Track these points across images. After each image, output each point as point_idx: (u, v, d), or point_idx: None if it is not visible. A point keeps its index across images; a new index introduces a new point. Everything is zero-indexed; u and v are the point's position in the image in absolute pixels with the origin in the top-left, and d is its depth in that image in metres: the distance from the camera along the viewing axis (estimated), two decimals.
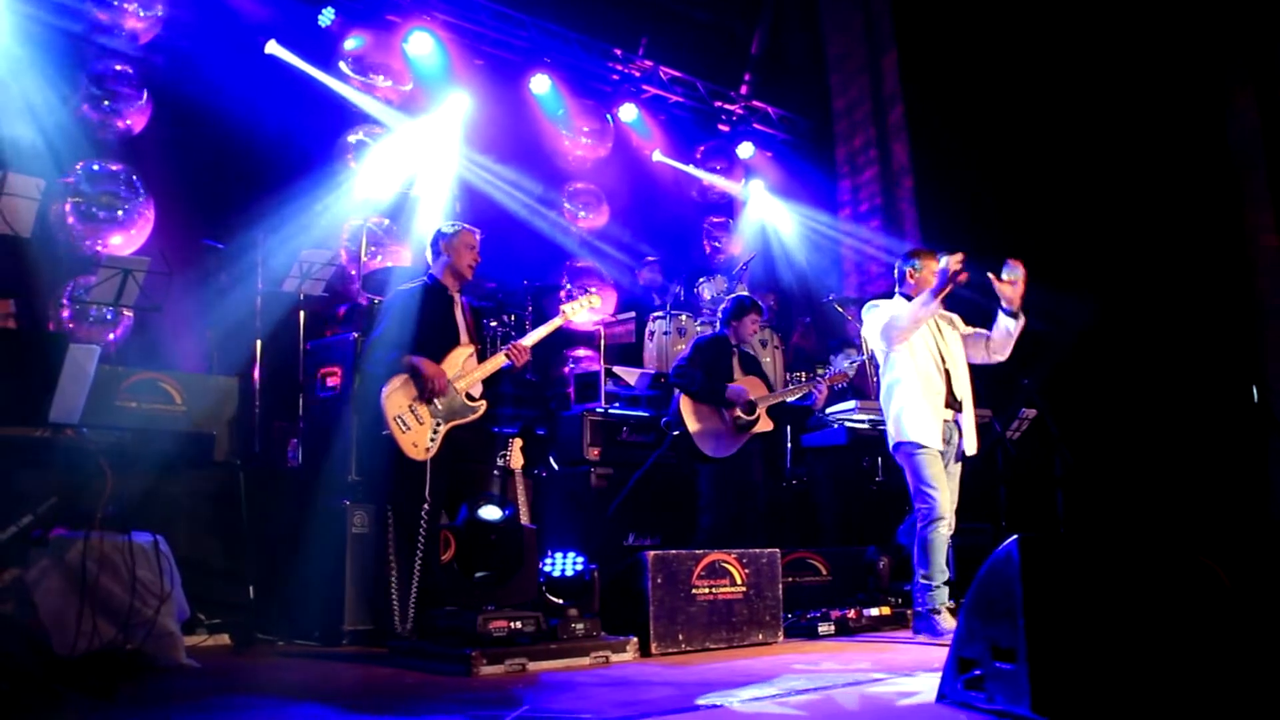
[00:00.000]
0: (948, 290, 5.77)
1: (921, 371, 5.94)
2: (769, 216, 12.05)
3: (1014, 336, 5.99)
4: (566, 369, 9.59)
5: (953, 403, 5.98)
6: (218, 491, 5.98)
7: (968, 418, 6.04)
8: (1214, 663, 3.15)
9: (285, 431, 7.55)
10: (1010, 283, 5.84)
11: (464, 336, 5.87)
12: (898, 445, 6.01)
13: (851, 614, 6.46)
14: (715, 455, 6.97)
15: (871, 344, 6.28)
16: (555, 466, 7.72)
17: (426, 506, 5.58)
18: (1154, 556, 3.35)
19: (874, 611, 6.61)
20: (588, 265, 10.75)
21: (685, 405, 7.00)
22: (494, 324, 7.89)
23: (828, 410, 8.17)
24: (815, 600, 6.77)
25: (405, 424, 5.53)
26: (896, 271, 6.25)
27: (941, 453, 5.93)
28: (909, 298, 6.08)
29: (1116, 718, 3.07)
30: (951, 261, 5.71)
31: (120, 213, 7.76)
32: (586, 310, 6.38)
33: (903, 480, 9.00)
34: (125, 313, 7.43)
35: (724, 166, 12.25)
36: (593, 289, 9.11)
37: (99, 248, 7.66)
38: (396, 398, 5.54)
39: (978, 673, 3.41)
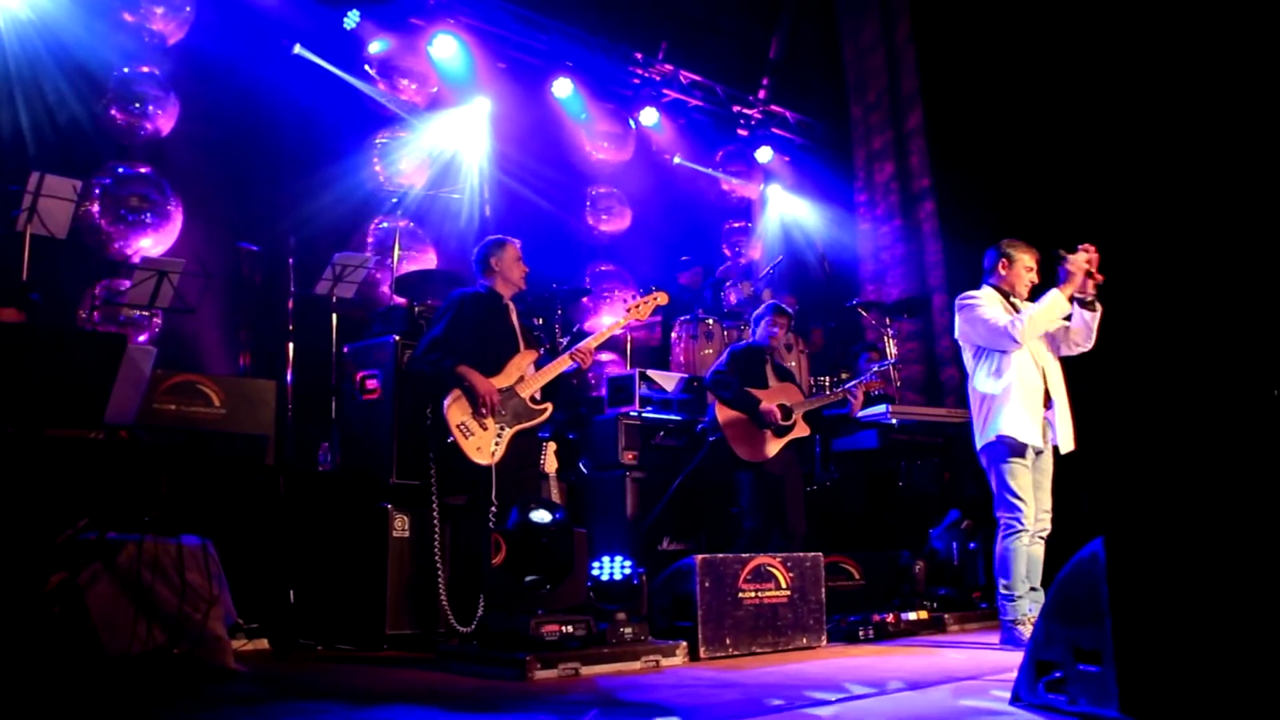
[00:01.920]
0: (1076, 289, 5.50)
1: (1019, 367, 5.64)
2: (789, 221, 12.05)
3: (1094, 327, 5.66)
4: (592, 373, 9.55)
5: (1048, 400, 5.72)
6: (257, 495, 5.92)
7: (1063, 414, 5.74)
8: None
9: (315, 435, 7.52)
10: (1084, 269, 5.52)
11: (522, 343, 5.87)
12: (990, 445, 5.67)
13: (890, 618, 6.42)
14: (754, 460, 6.93)
15: (963, 339, 5.89)
16: (585, 471, 7.69)
17: (494, 510, 5.56)
18: (1239, 554, 3.32)
19: (911, 616, 6.57)
20: (611, 269, 10.73)
21: (721, 412, 6.97)
22: None
23: (859, 413, 8.13)
24: (848, 605, 6.72)
25: (469, 430, 5.53)
26: (986, 261, 5.96)
27: (1039, 451, 5.68)
28: (999, 289, 5.84)
29: (1206, 718, 3.04)
30: (1085, 259, 5.44)
31: (148, 215, 7.72)
32: (653, 308, 6.36)
33: (929, 484, 9.03)
34: (153, 315, 7.40)
35: (743, 170, 12.26)
36: (641, 291, 8.99)
37: (128, 250, 7.63)
38: (457, 407, 5.54)
39: (1058, 675, 3.38)
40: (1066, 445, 5.75)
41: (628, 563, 5.39)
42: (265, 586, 5.70)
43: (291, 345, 7.18)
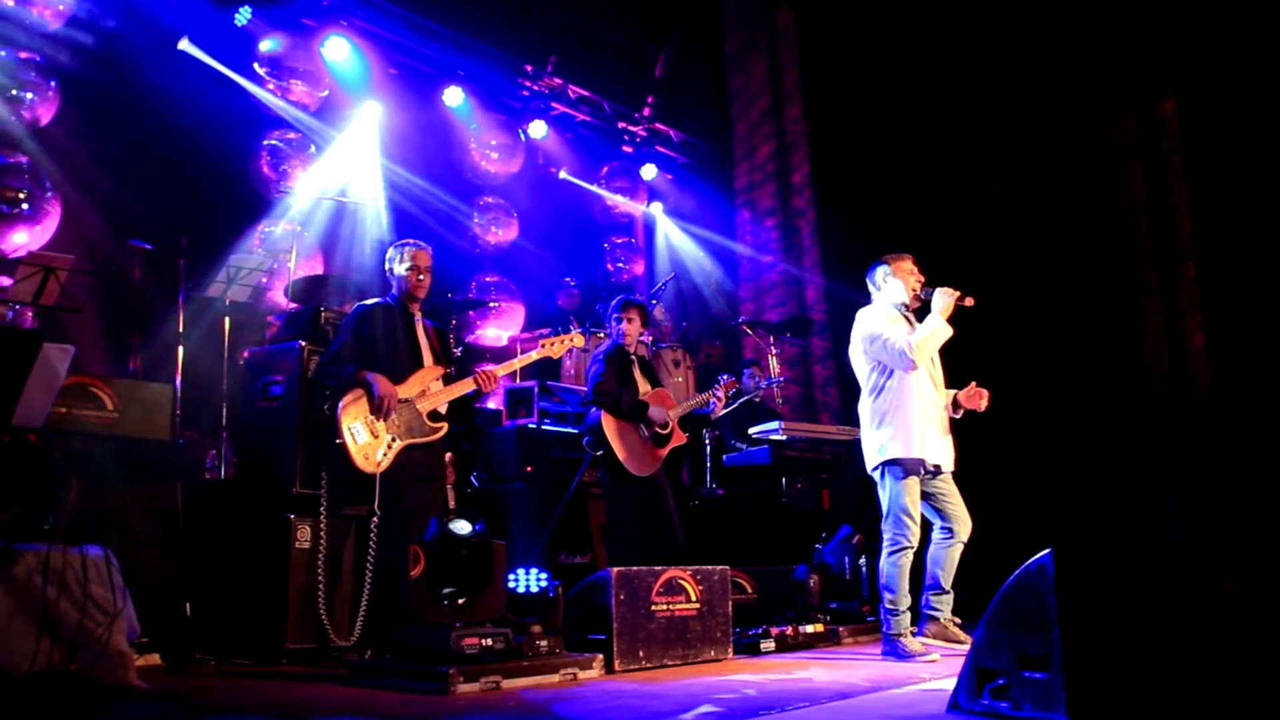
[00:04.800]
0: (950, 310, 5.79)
1: (919, 386, 5.81)
2: (674, 239, 12.17)
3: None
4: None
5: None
6: (151, 503, 5.66)
7: (948, 434, 5.99)
8: (1228, 669, 3.29)
9: (198, 442, 7.24)
10: (975, 401, 5.93)
11: (428, 358, 5.75)
12: (884, 462, 5.83)
13: (790, 631, 6.53)
14: (639, 473, 6.82)
15: (859, 355, 6.04)
16: (477, 484, 7.58)
17: (375, 519, 5.52)
18: (1173, 568, 3.49)
19: (809, 629, 6.67)
20: (497, 279, 10.64)
21: (608, 423, 6.77)
22: None
23: (751, 430, 8.23)
24: (743, 618, 6.75)
25: (358, 435, 5.41)
26: (870, 278, 6.09)
27: (936, 466, 5.84)
28: (892, 303, 6.00)
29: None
30: (950, 290, 5.77)
31: (25, 207, 7.32)
32: (568, 348, 6.28)
33: (810, 500, 9.18)
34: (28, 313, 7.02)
35: (628, 187, 12.32)
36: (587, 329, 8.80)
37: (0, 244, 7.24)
38: (353, 409, 5.44)
39: (1002, 682, 3.48)
40: (950, 462, 5.96)
41: (543, 575, 5.36)
42: (159, 598, 5.45)
43: (181, 349, 6.88)
